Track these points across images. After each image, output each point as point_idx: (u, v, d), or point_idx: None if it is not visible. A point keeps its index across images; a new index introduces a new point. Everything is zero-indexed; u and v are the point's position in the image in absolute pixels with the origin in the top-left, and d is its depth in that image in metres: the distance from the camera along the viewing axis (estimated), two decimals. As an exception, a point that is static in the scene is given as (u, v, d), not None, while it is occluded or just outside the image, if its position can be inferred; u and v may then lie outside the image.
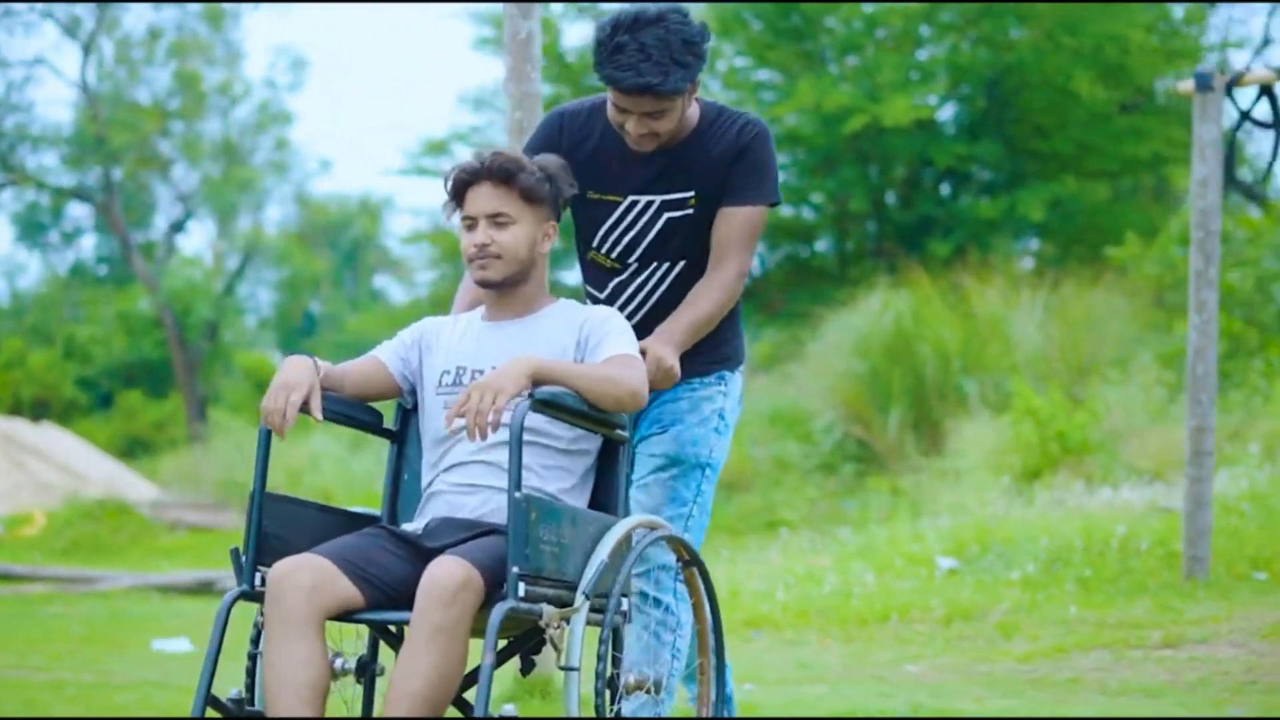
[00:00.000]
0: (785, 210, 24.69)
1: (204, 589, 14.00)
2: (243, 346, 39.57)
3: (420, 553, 4.48)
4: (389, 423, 4.94)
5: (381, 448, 21.16)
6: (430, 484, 4.74)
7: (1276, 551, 11.26)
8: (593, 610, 4.40)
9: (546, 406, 4.40)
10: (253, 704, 4.44)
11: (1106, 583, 10.79)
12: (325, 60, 75.48)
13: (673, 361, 4.82)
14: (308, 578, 4.31)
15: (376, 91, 79.19)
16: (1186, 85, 10.76)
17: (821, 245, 26.77)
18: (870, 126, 22.80)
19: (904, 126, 22.70)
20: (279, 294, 44.34)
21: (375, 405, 4.88)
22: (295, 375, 4.55)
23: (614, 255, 5.10)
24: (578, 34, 26.67)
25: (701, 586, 4.78)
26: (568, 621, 4.33)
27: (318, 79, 74.67)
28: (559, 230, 4.81)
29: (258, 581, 4.44)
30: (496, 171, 4.68)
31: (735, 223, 5.01)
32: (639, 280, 5.12)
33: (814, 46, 24.82)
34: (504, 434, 4.46)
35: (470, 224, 4.72)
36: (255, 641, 4.46)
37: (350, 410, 4.73)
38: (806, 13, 24.34)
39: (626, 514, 4.72)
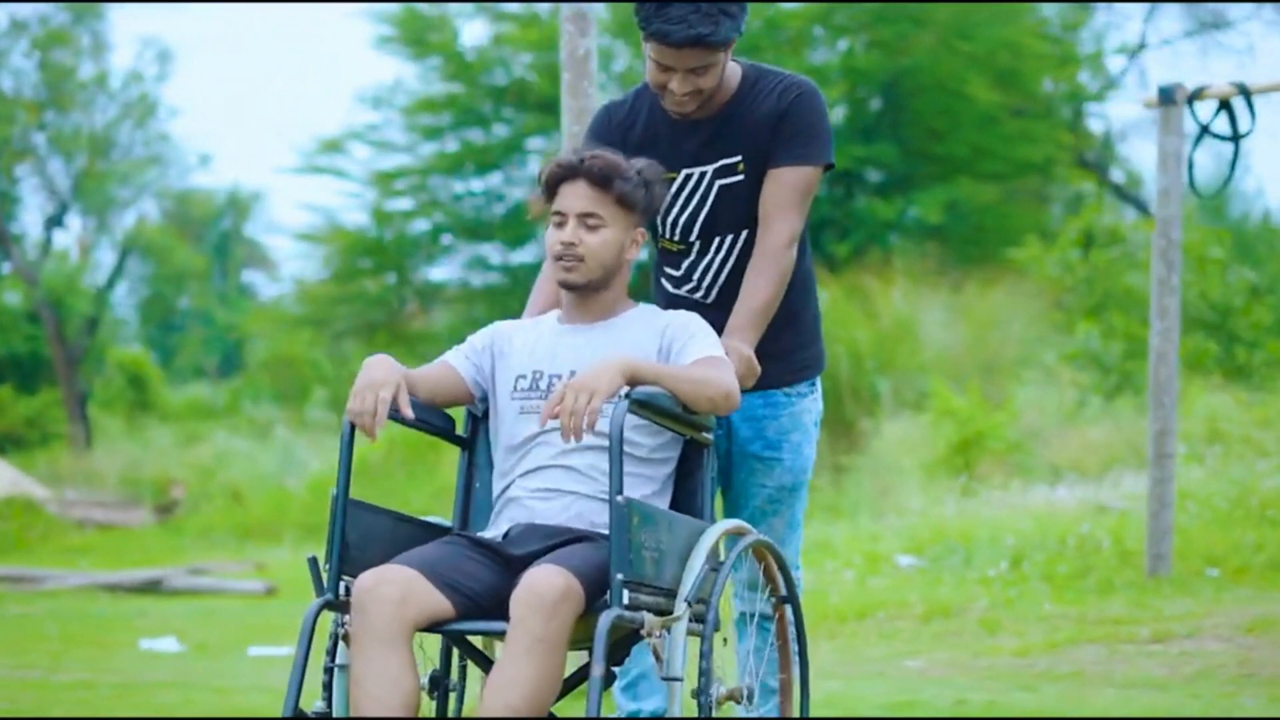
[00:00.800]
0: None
1: (152, 587, 14.02)
2: (115, 343, 39.24)
3: (506, 560, 4.42)
4: (458, 429, 4.84)
5: (291, 446, 21.20)
6: (506, 490, 4.64)
7: (1226, 549, 11.68)
8: (691, 618, 4.32)
9: (643, 408, 4.32)
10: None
11: (1074, 580, 11.14)
12: (211, 55, 74.85)
13: (751, 355, 4.76)
14: (396, 590, 4.21)
15: (264, 88, 78.61)
16: (1150, 99, 11.12)
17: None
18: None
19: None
20: (150, 289, 43.98)
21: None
22: (382, 374, 4.43)
23: (676, 236, 5.04)
24: (474, 33, 26.72)
25: (782, 582, 4.73)
26: (668, 630, 4.24)
27: (204, 74, 74.00)
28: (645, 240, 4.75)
29: (341, 591, 4.33)
30: (595, 173, 4.59)
31: (781, 185, 4.92)
32: (706, 258, 5.04)
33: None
34: (588, 440, 4.40)
35: (560, 220, 4.63)
36: (332, 654, 4.38)
37: (425, 415, 4.61)
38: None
39: (712, 516, 4.64)
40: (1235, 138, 10.93)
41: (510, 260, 27.07)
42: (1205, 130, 10.98)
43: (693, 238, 5.04)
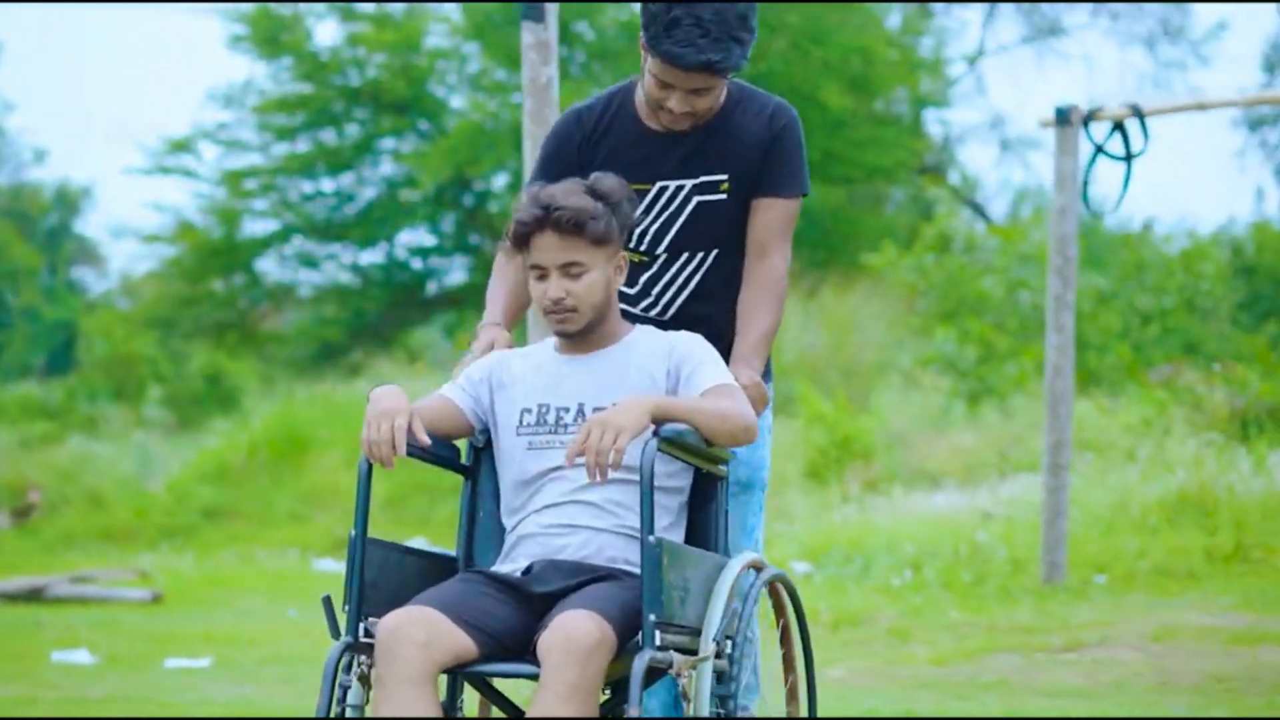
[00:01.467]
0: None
1: (35, 596, 13.87)
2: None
3: (527, 598, 4.38)
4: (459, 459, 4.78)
5: (148, 448, 20.90)
6: (518, 525, 4.58)
7: (1112, 556, 12.03)
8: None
9: (671, 445, 4.30)
10: None
11: (974, 587, 11.43)
12: (51, 50, 73.50)
13: (761, 381, 4.72)
14: (421, 632, 4.17)
15: (109, 84, 77.18)
16: (1047, 119, 11.42)
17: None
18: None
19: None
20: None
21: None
22: (393, 403, 4.37)
23: (642, 247, 4.91)
24: (328, 32, 26.65)
25: (789, 605, 4.76)
26: (693, 668, 4.23)
27: (43, 69, 72.72)
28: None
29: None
30: (564, 224, 4.49)
31: (775, 215, 4.88)
32: (670, 272, 4.94)
33: (568, 53, 25.24)
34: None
35: (541, 274, 4.54)
36: (343, 695, 4.31)
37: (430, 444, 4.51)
38: (561, 16, 24.75)
39: (726, 549, 4.62)
40: (1128, 157, 11.26)
41: (361, 260, 27.03)
42: (1100, 150, 11.30)
43: (660, 250, 4.92)
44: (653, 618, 4.12)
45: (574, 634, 4.08)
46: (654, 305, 4.98)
